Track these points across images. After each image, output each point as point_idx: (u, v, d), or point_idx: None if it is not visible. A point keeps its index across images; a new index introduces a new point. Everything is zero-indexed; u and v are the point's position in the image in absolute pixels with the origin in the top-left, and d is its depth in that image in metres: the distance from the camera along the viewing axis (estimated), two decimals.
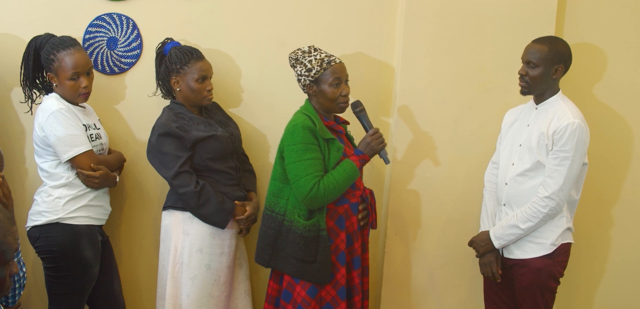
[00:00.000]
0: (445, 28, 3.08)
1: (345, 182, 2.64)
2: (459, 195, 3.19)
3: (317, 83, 2.69)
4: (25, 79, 2.81)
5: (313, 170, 2.59)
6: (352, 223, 2.75)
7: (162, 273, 2.91)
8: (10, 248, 1.75)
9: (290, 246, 2.66)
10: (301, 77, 2.71)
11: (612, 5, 3.19)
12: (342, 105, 2.72)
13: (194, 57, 2.83)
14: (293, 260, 2.66)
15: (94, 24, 3.06)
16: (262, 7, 3.13)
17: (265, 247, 2.74)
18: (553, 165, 2.61)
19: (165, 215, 2.90)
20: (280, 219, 2.69)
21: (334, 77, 2.67)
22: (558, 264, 2.73)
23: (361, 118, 2.83)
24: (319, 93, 2.70)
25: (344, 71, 2.73)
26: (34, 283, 3.21)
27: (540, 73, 2.65)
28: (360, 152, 2.74)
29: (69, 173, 2.74)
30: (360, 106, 2.83)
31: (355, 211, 2.76)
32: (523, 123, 2.80)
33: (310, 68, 2.67)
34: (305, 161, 2.59)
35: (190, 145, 2.78)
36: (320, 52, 2.73)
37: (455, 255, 3.23)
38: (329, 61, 2.68)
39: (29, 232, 2.78)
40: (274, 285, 2.80)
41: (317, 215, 2.65)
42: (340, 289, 2.70)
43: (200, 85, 2.83)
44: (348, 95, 2.73)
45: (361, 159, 2.72)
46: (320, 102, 2.72)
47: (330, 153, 2.67)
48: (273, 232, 2.71)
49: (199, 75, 2.81)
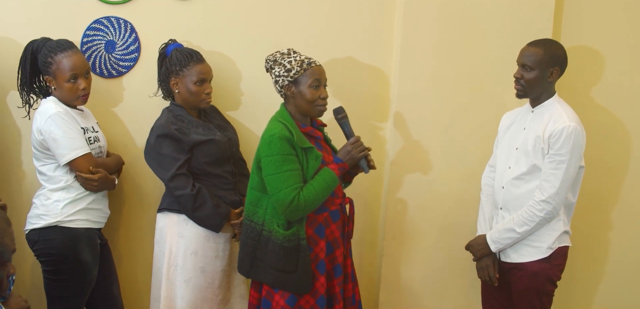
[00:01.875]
0: (443, 32, 3.09)
1: (325, 191, 2.59)
2: (456, 198, 3.19)
3: (295, 84, 2.63)
4: (23, 84, 2.82)
5: (292, 182, 2.53)
6: (332, 231, 2.70)
7: (156, 274, 2.91)
8: (7, 249, 1.76)
9: (270, 256, 2.60)
10: (279, 78, 2.64)
11: (609, 8, 3.19)
12: (320, 108, 2.66)
13: (194, 59, 2.84)
14: (272, 270, 2.60)
15: (92, 27, 3.07)
16: (259, 12, 3.14)
17: (245, 257, 2.69)
18: (549, 169, 2.60)
19: (160, 217, 2.90)
20: (259, 229, 2.63)
21: (314, 79, 2.61)
22: (555, 267, 2.72)
23: (343, 125, 2.77)
24: (297, 95, 2.63)
25: (323, 74, 2.67)
26: (32, 286, 3.22)
27: (536, 76, 2.65)
28: (339, 160, 2.67)
29: (68, 177, 2.74)
30: (342, 112, 2.77)
31: (335, 219, 2.72)
32: (519, 126, 2.79)
33: (290, 69, 2.61)
34: (284, 173, 2.54)
35: (189, 148, 2.78)
36: (299, 54, 2.68)
37: (453, 259, 3.22)
38: (309, 62, 2.64)
39: (27, 235, 2.79)
40: (255, 294, 2.75)
41: (296, 224, 2.60)
42: (320, 298, 2.64)
43: (199, 88, 2.83)
44: (326, 98, 2.67)
45: (340, 167, 2.65)
46: (298, 104, 2.65)
47: (308, 162, 2.61)
48: (252, 242, 2.66)
49: (197, 78, 2.82)
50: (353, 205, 2.84)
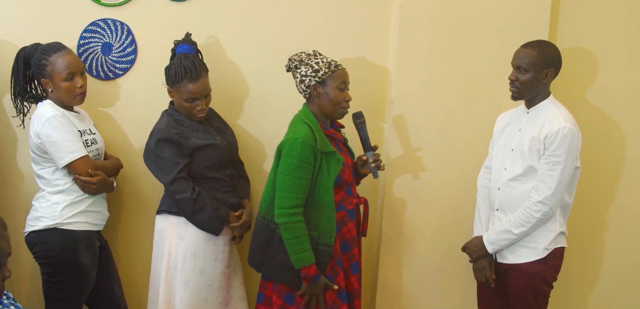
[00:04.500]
0: (440, 33, 3.09)
1: (293, 249, 2.59)
2: (452, 199, 3.19)
3: (322, 85, 2.68)
4: (17, 92, 2.81)
5: (298, 190, 2.60)
6: (349, 229, 2.77)
7: (154, 276, 2.92)
8: (3, 252, 1.76)
9: (282, 254, 2.65)
10: (306, 78, 2.68)
11: (605, 9, 3.19)
12: (343, 110, 2.73)
13: (188, 77, 2.76)
14: (284, 268, 2.66)
15: (88, 29, 3.07)
16: (257, 14, 3.14)
17: (256, 251, 2.75)
18: (545, 170, 2.61)
19: (159, 219, 2.90)
20: (273, 227, 2.68)
21: (340, 81, 2.68)
22: (551, 268, 2.73)
23: (360, 131, 2.83)
24: (322, 95, 2.68)
25: (348, 77, 2.75)
26: (31, 288, 3.22)
27: (531, 78, 2.65)
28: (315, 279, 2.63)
29: (66, 179, 2.74)
30: (361, 118, 2.84)
31: (351, 217, 2.78)
32: (515, 127, 2.80)
33: (318, 70, 2.67)
34: (294, 178, 2.59)
35: (189, 153, 2.78)
36: (325, 56, 2.75)
37: (449, 260, 3.23)
38: (336, 65, 2.71)
39: (27, 237, 2.79)
40: (267, 285, 2.80)
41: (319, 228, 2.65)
42: (341, 293, 2.71)
43: (190, 105, 2.81)
44: (349, 101, 2.74)
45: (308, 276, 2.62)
46: (322, 104, 2.70)
47: (329, 165, 2.66)
48: (264, 239, 2.71)
49: (187, 97, 2.79)
50: (368, 205, 2.92)
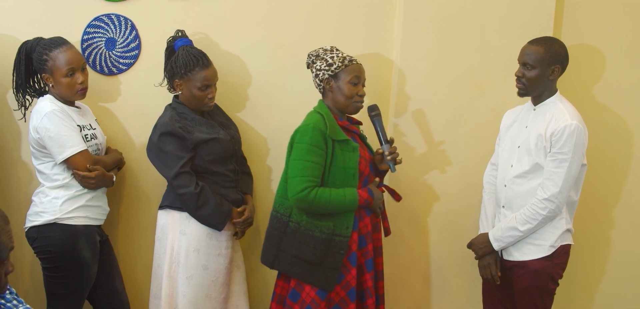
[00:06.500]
0: (443, 30, 3.09)
1: (338, 206, 2.62)
2: (458, 196, 3.19)
3: (335, 78, 2.70)
4: (18, 85, 2.80)
5: (310, 173, 2.59)
6: (366, 224, 2.75)
7: (157, 272, 2.91)
8: (5, 247, 1.76)
9: (296, 247, 2.65)
10: (320, 72, 2.71)
11: (610, 6, 3.19)
12: (357, 104, 2.73)
13: (200, 64, 2.80)
14: (299, 261, 2.65)
15: (92, 24, 3.06)
16: (259, 8, 3.13)
17: (270, 248, 2.74)
18: (551, 167, 2.60)
19: (161, 214, 2.89)
20: (286, 220, 2.68)
21: (353, 75, 2.70)
22: (557, 266, 2.72)
23: (375, 123, 2.82)
24: (335, 89, 2.70)
25: (363, 72, 2.76)
26: (32, 283, 3.22)
27: (537, 74, 2.64)
28: (371, 193, 2.70)
29: (66, 174, 2.73)
30: (376, 110, 2.83)
31: (368, 213, 2.76)
32: (521, 124, 2.79)
33: (331, 64, 2.69)
34: (305, 162, 2.59)
35: (193, 147, 2.78)
36: (342, 51, 2.76)
37: (454, 257, 3.23)
38: (350, 60, 2.72)
39: (27, 233, 2.78)
40: (283, 284, 2.79)
41: (335, 218, 2.64)
42: (350, 291, 2.68)
43: (202, 93, 2.82)
44: (363, 96, 2.74)
45: (366, 199, 2.68)
46: (336, 98, 2.72)
47: (344, 153, 2.66)
48: (278, 233, 2.70)
49: (201, 84, 2.80)
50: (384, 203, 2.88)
